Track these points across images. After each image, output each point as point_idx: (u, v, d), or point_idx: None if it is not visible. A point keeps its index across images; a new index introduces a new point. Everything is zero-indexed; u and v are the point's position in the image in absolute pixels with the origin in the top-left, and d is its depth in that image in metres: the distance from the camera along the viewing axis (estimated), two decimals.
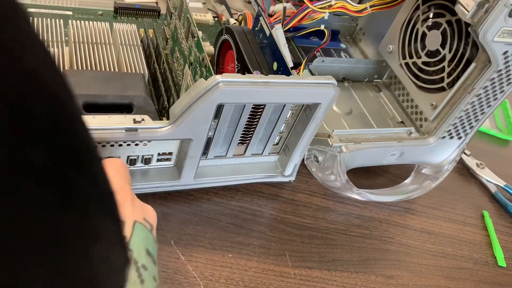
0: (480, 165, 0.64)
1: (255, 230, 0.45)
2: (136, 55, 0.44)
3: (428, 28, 0.51)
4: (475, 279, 0.50)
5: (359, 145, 0.48)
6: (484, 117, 0.50)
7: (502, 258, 0.53)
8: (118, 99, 0.39)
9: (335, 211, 0.50)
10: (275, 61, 0.42)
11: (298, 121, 0.44)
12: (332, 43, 0.63)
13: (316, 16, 0.52)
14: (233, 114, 0.40)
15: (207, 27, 0.59)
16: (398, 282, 0.46)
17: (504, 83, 0.46)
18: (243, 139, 0.44)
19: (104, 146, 0.38)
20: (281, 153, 0.48)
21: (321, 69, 0.55)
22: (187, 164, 0.41)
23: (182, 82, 0.45)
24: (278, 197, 0.49)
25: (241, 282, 0.41)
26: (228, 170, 0.46)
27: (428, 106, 0.51)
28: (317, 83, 0.39)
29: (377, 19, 0.60)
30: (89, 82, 0.38)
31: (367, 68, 0.59)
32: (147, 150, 0.40)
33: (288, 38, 0.57)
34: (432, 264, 0.50)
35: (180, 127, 0.36)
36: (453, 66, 0.49)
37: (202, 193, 0.46)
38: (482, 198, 0.61)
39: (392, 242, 0.50)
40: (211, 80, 0.35)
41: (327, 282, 0.44)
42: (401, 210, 0.54)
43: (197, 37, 0.41)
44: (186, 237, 0.42)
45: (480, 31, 0.41)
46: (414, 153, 0.52)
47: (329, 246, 0.47)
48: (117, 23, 0.47)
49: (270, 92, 0.37)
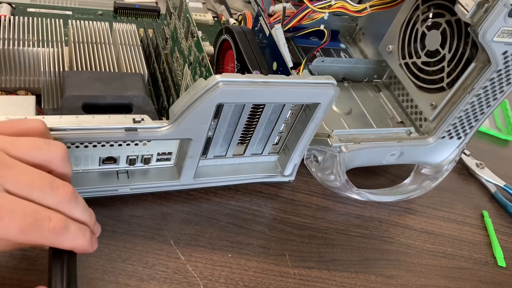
0: (479, 165, 0.64)
1: (255, 230, 0.45)
2: (136, 55, 0.44)
3: (427, 28, 0.51)
4: (475, 279, 0.50)
5: (359, 145, 0.48)
6: (483, 117, 0.50)
7: (502, 258, 0.53)
8: (117, 99, 0.39)
9: (334, 211, 0.50)
10: (275, 61, 0.42)
11: (297, 121, 0.44)
12: (331, 43, 0.63)
13: (315, 16, 0.52)
14: (232, 114, 0.40)
15: (206, 27, 0.59)
16: (398, 282, 0.46)
17: (503, 83, 0.46)
18: (243, 139, 0.44)
19: (104, 146, 0.38)
20: (281, 153, 0.48)
21: (320, 69, 0.55)
22: (187, 164, 0.41)
23: (182, 82, 0.45)
24: (278, 197, 0.49)
25: (241, 282, 0.41)
26: (227, 170, 0.46)
27: (428, 106, 0.51)
28: (316, 83, 0.39)
29: (376, 19, 0.60)
30: (88, 82, 0.38)
31: (366, 68, 0.59)
32: (147, 150, 0.40)
33: (288, 38, 0.57)
34: (432, 264, 0.50)
35: (179, 127, 0.36)
36: (453, 66, 0.49)
37: (202, 193, 0.46)
38: (481, 198, 0.61)
39: (391, 242, 0.50)
40: (210, 80, 0.35)
41: (326, 282, 0.44)
42: (400, 210, 0.54)
43: (196, 37, 0.42)
44: (186, 237, 0.42)
45: (479, 31, 0.41)
46: (413, 153, 0.52)
47: (329, 246, 0.47)
48: (117, 23, 0.47)
49: (270, 92, 0.37)
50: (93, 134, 0.34)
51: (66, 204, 0.29)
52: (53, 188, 0.28)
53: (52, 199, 0.28)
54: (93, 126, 0.34)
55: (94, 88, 0.38)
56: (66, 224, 0.28)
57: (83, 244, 0.30)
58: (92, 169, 0.40)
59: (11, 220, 0.26)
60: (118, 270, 0.38)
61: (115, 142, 0.38)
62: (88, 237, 0.30)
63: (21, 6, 0.51)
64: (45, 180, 0.28)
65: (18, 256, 0.36)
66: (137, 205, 0.43)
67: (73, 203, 0.29)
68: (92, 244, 0.31)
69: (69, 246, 0.29)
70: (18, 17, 0.44)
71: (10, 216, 0.26)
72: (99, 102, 0.38)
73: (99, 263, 0.38)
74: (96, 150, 0.38)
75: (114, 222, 0.41)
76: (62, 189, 0.29)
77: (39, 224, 0.27)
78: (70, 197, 0.29)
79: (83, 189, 0.39)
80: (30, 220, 0.27)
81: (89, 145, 0.37)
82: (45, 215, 0.27)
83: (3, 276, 0.35)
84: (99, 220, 0.41)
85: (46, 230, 0.27)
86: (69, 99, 0.37)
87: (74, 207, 0.29)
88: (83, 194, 0.40)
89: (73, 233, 0.29)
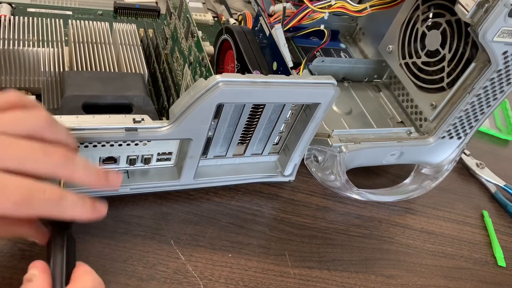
0: (480, 165, 0.64)
1: (255, 230, 0.45)
2: (136, 55, 0.44)
3: (427, 28, 0.51)
4: (475, 279, 0.50)
5: (359, 145, 0.48)
6: (483, 117, 0.50)
7: (502, 258, 0.53)
8: (117, 99, 0.39)
9: (334, 211, 0.51)
10: (275, 61, 0.42)
11: (298, 121, 0.44)
12: (332, 43, 0.63)
13: (316, 16, 0.52)
14: (233, 114, 0.40)
15: (207, 27, 0.59)
16: (398, 282, 0.46)
17: (504, 83, 0.46)
18: (243, 139, 0.44)
19: (104, 146, 0.38)
20: (281, 153, 0.48)
21: (321, 69, 0.55)
22: (187, 164, 0.41)
23: (182, 82, 0.45)
24: (278, 197, 0.49)
25: (241, 282, 0.41)
26: (227, 170, 0.46)
27: (428, 106, 0.51)
28: (316, 83, 0.39)
29: (376, 19, 0.60)
30: (88, 82, 0.38)
31: (367, 68, 0.59)
32: (147, 150, 0.40)
33: (288, 38, 0.57)
34: (432, 264, 0.50)
35: (179, 127, 0.36)
36: (453, 66, 0.49)
37: (202, 193, 0.46)
38: (481, 198, 0.61)
39: (391, 242, 0.50)
40: (210, 79, 0.35)
41: (326, 282, 0.44)
42: (401, 210, 0.54)
43: (196, 37, 0.42)
44: (186, 237, 0.42)
45: (479, 31, 0.41)
46: (414, 153, 0.52)
47: (329, 246, 0.47)
48: (117, 23, 0.47)
49: (270, 92, 0.37)
50: (93, 134, 0.34)
51: (63, 167, 0.28)
52: (45, 154, 0.28)
53: (47, 166, 0.28)
54: (93, 126, 0.34)
55: (94, 88, 0.38)
56: (61, 194, 0.28)
57: (83, 212, 0.29)
58: None
59: (4, 195, 0.26)
60: (118, 270, 0.38)
61: (115, 142, 0.38)
62: (88, 204, 0.30)
63: (21, 6, 0.51)
64: (36, 148, 0.27)
65: (18, 256, 0.36)
66: (137, 205, 0.43)
67: (70, 165, 0.29)
68: (95, 211, 0.30)
69: (70, 216, 0.29)
70: (18, 17, 0.44)
71: (3, 192, 0.26)
72: (99, 102, 0.38)
73: (99, 263, 0.38)
74: (96, 150, 0.38)
75: (114, 222, 0.41)
76: (55, 153, 0.28)
77: (34, 196, 0.27)
78: (65, 160, 0.28)
79: (83, 189, 0.39)
80: (24, 193, 0.26)
81: (89, 145, 0.37)
82: (39, 187, 0.27)
83: (3, 276, 0.35)
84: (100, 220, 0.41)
85: (42, 201, 0.27)
86: (69, 99, 0.37)
87: (72, 169, 0.29)
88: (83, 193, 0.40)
89: (70, 202, 0.28)
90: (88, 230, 0.39)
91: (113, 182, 0.32)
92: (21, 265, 0.36)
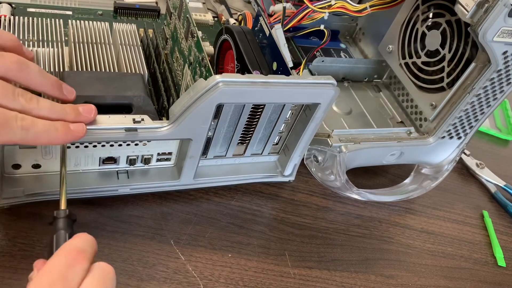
0: (479, 165, 0.64)
1: (255, 230, 0.45)
2: (136, 55, 0.44)
3: (427, 28, 0.51)
4: (475, 279, 0.50)
5: (359, 145, 0.48)
6: (483, 117, 0.50)
7: (501, 258, 0.53)
8: (117, 99, 0.39)
9: (334, 211, 0.51)
10: (275, 61, 0.42)
11: (297, 121, 0.44)
12: (332, 43, 0.63)
13: (316, 16, 0.52)
14: (232, 114, 0.40)
15: (206, 27, 0.59)
16: (398, 282, 0.46)
17: (503, 83, 0.46)
18: (243, 139, 0.44)
19: (104, 146, 0.38)
20: (281, 153, 0.48)
21: (320, 69, 0.55)
22: (187, 164, 0.41)
23: (182, 82, 0.45)
24: (278, 197, 0.49)
25: (241, 282, 0.41)
26: (227, 170, 0.46)
27: (428, 106, 0.51)
28: (316, 83, 0.39)
29: (376, 19, 0.60)
30: (88, 82, 0.38)
31: (366, 68, 0.59)
32: (147, 150, 0.40)
33: (288, 38, 0.57)
34: (432, 264, 0.50)
35: (179, 127, 0.36)
36: (453, 66, 0.49)
37: (202, 193, 0.46)
38: (481, 198, 0.61)
39: (391, 242, 0.50)
40: (210, 80, 0.35)
41: (326, 282, 0.44)
42: (400, 210, 0.54)
43: (196, 37, 0.42)
44: (186, 237, 0.42)
45: (479, 31, 0.41)
46: (413, 153, 0.52)
47: (329, 246, 0.47)
48: (117, 23, 0.47)
49: (270, 92, 0.37)
50: (93, 134, 0.34)
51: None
52: (15, 95, 0.30)
53: (17, 105, 0.30)
54: (93, 126, 0.34)
55: (94, 88, 0.38)
56: (33, 120, 0.30)
57: (57, 136, 0.31)
58: (92, 169, 0.40)
59: None
60: (118, 270, 0.38)
61: (115, 142, 0.38)
62: (60, 127, 0.32)
63: (21, 6, 0.51)
64: (6, 89, 0.30)
65: (18, 256, 0.36)
66: (137, 205, 0.43)
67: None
68: (70, 133, 0.32)
69: (44, 141, 0.32)
70: (18, 17, 0.44)
71: None
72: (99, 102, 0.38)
73: None
74: (96, 150, 0.38)
75: (114, 222, 0.41)
76: (22, 95, 0.31)
77: (8, 123, 0.29)
78: (30, 101, 0.31)
79: (83, 189, 0.39)
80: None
81: (89, 145, 0.37)
82: (13, 115, 0.29)
83: (3, 276, 0.35)
84: (100, 220, 0.41)
85: (16, 128, 0.29)
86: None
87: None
88: (83, 194, 0.40)
89: (42, 127, 0.31)
90: (88, 230, 0.39)
91: (69, 95, 0.35)
92: (21, 266, 0.36)
